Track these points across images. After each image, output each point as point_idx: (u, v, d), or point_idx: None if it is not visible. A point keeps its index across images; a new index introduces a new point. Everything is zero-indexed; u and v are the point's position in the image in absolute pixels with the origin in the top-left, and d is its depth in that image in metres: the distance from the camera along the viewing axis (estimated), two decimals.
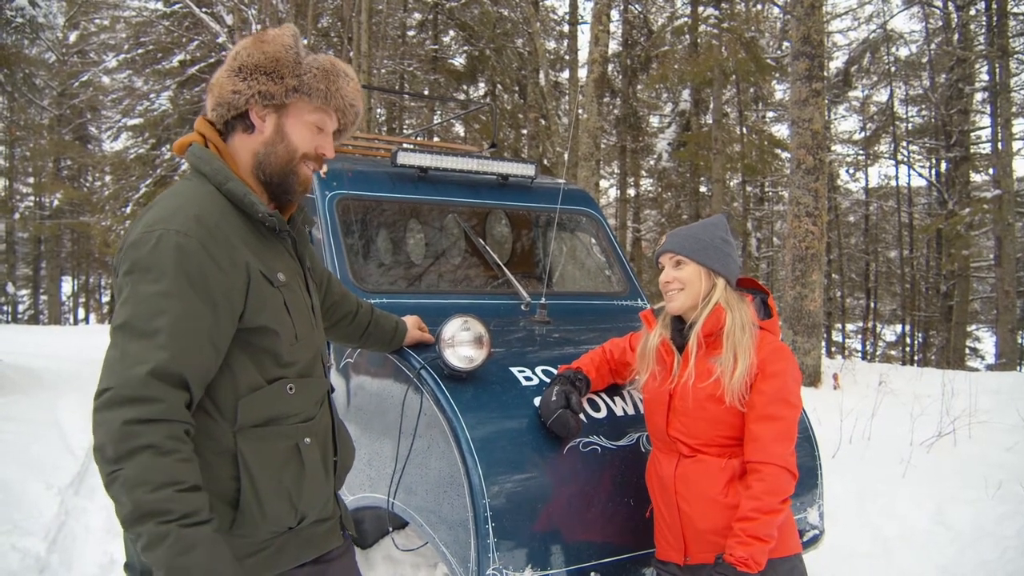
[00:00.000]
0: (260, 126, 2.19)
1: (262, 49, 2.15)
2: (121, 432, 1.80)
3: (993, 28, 21.70)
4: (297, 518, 2.16)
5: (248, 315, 2.05)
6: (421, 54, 26.12)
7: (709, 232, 2.97)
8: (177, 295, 1.91)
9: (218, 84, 2.19)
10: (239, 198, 2.11)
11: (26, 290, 41.96)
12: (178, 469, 1.83)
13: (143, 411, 1.82)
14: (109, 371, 1.88)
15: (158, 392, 1.84)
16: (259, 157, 2.20)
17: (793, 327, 11.73)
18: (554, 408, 3.22)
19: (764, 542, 2.65)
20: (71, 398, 10.57)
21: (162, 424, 1.84)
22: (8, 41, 14.48)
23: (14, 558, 4.76)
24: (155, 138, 25.15)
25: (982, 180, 27.08)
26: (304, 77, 2.17)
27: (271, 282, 2.12)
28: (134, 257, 1.95)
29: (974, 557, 5.32)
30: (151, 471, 1.80)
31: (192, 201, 2.05)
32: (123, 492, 1.79)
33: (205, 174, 2.13)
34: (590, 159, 15.40)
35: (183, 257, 1.93)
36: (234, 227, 2.08)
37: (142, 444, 1.80)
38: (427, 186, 4.89)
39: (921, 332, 30.18)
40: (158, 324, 1.88)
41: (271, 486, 2.09)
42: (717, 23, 22.24)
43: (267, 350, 2.11)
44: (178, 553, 1.80)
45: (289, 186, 2.24)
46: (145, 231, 1.97)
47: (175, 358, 1.87)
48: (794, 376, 2.87)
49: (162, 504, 1.79)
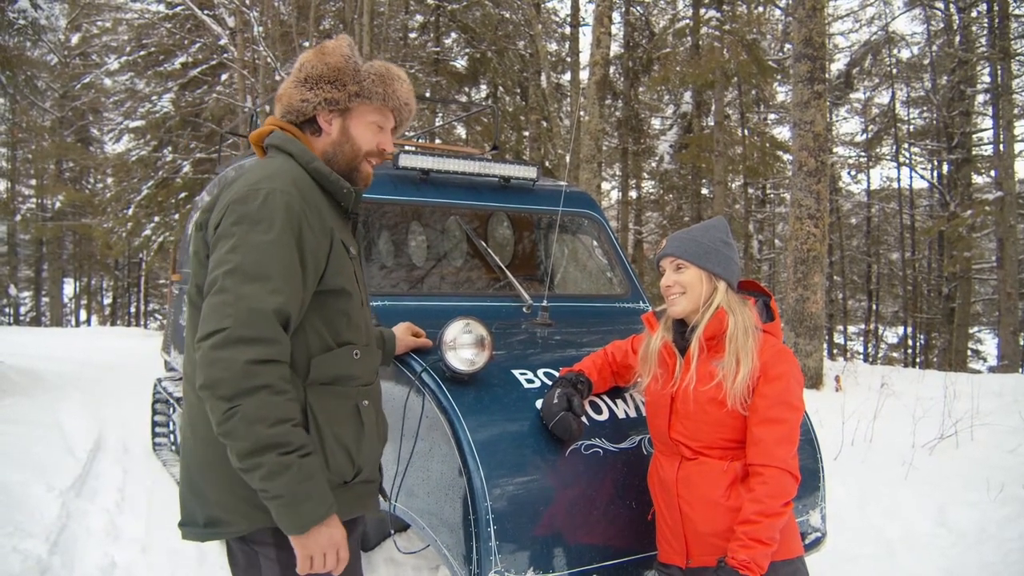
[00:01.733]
0: (327, 129, 2.46)
1: (324, 61, 2.41)
2: (243, 371, 1.98)
3: (995, 30, 21.68)
4: (354, 472, 2.34)
5: (328, 276, 2.27)
6: (423, 56, 26.11)
7: (709, 235, 2.97)
8: (285, 245, 2.11)
9: (286, 95, 2.44)
10: (325, 175, 2.38)
11: (28, 292, 41.96)
12: (290, 407, 2.05)
13: (264, 351, 2.01)
14: (222, 312, 2.02)
15: (277, 334, 2.05)
16: (327, 156, 2.47)
17: (795, 329, 11.72)
18: (556, 411, 3.21)
19: (766, 545, 2.65)
20: (73, 400, 10.58)
21: (278, 365, 2.04)
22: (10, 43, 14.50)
23: (15, 560, 4.75)
24: (157, 140, 25.21)
25: (984, 182, 27.06)
26: (364, 83, 2.45)
27: (348, 250, 2.37)
28: (241, 211, 2.14)
29: (976, 559, 5.31)
30: (269, 408, 1.99)
31: (287, 170, 2.29)
32: (242, 426, 1.97)
33: (292, 153, 2.38)
34: (592, 161, 15.40)
35: (289, 212, 2.15)
36: (319, 199, 2.33)
37: (261, 383, 1.99)
38: (429, 188, 4.88)
39: (923, 334, 30.16)
40: (272, 270, 2.07)
41: (334, 438, 2.27)
42: (719, 25, 22.21)
43: (341, 311, 2.33)
44: (300, 480, 2.03)
45: (354, 181, 2.51)
46: (250, 189, 2.17)
47: (288, 302, 2.08)
48: (796, 379, 2.87)
49: (282, 438, 2.00)
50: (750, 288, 3.10)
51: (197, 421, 2.25)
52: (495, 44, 25.45)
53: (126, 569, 5.14)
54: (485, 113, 23.05)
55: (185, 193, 24.52)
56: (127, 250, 29.70)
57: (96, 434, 8.60)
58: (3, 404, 9.65)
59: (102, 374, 14.17)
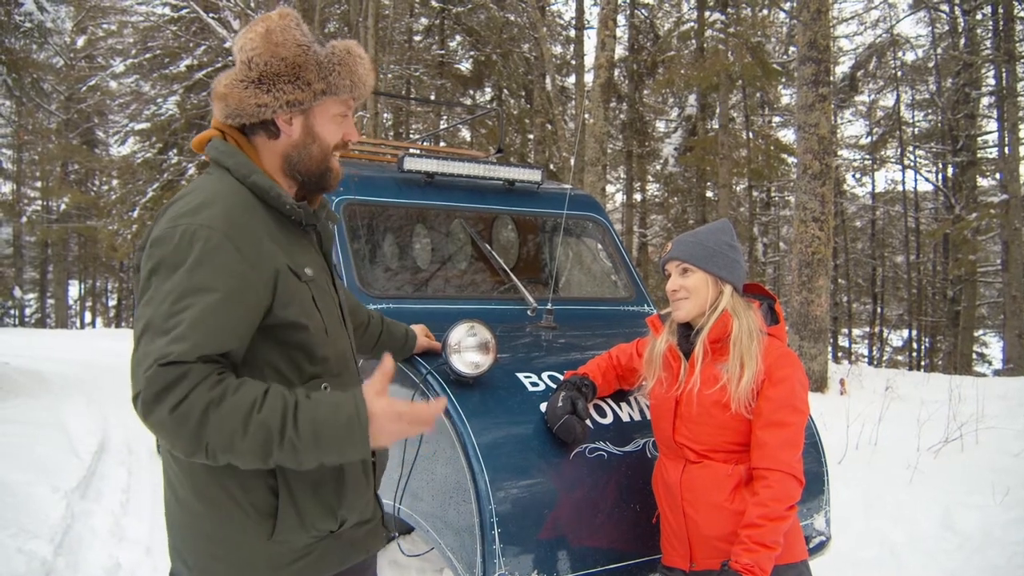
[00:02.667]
0: (287, 130, 2.14)
1: (278, 55, 2.06)
2: (175, 421, 1.75)
3: (1000, 32, 21.66)
4: (338, 523, 2.12)
5: (276, 309, 2.00)
6: (427, 59, 26.16)
7: (715, 238, 2.96)
8: (201, 289, 1.85)
9: (233, 95, 2.08)
10: (264, 191, 2.07)
11: (33, 294, 42.05)
12: (241, 399, 1.79)
13: (179, 393, 1.75)
14: (135, 375, 1.81)
15: (178, 373, 1.77)
16: (291, 159, 2.17)
17: (800, 332, 11.71)
18: (560, 414, 3.21)
19: (770, 549, 2.65)
20: (77, 401, 10.60)
21: (199, 388, 1.77)
22: (16, 46, 14.52)
23: (20, 561, 4.76)
24: (162, 142, 25.25)
25: (989, 185, 27.08)
26: (330, 78, 2.12)
27: (298, 276, 2.07)
28: (159, 255, 1.90)
29: (982, 563, 5.30)
30: (227, 422, 1.76)
31: (216, 195, 2.01)
32: (231, 455, 1.78)
33: (228, 168, 2.08)
34: (596, 164, 15.41)
35: (208, 251, 1.88)
36: (260, 220, 2.03)
37: (199, 412, 1.75)
38: (434, 191, 4.89)
39: (928, 337, 30.13)
40: (178, 320, 1.82)
41: (309, 493, 2.04)
42: (723, 28, 22.22)
43: (299, 346, 2.06)
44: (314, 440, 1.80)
45: (325, 181, 2.24)
46: (168, 226, 1.93)
47: (194, 348, 1.80)
48: (801, 382, 2.86)
49: (263, 432, 1.77)
50: (755, 291, 3.10)
51: (173, 479, 2.09)
52: (500, 47, 25.49)
53: (130, 570, 5.15)
54: (490, 116, 23.09)
55: None
56: (132, 252, 29.57)
57: (100, 435, 8.62)
58: (8, 405, 9.67)
59: (106, 376, 14.18)
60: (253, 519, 1.99)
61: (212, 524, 1.99)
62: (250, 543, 1.98)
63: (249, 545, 1.99)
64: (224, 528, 1.98)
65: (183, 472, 2.03)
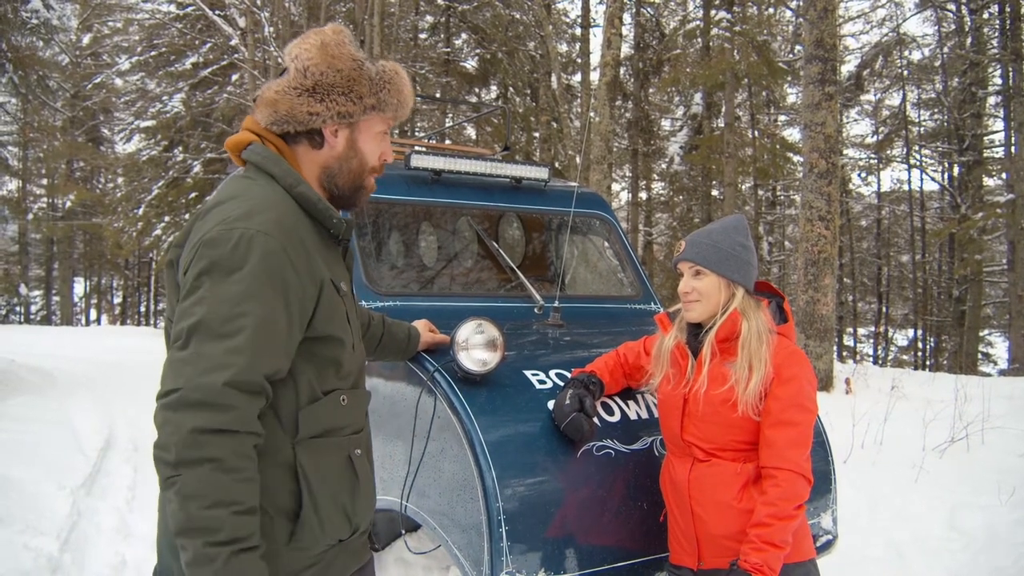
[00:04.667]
0: (332, 142, 2.15)
1: (335, 67, 2.09)
2: (187, 439, 1.72)
3: (1007, 31, 21.61)
4: (351, 530, 2.14)
5: (317, 323, 2.01)
6: (433, 57, 26.16)
7: (729, 238, 2.94)
8: (258, 297, 1.84)
9: (285, 102, 2.10)
10: (312, 203, 2.08)
11: (39, 291, 42.11)
12: (238, 489, 1.77)
13: (214, 419, 1.74)
14: (178, 371, 1.79)
15: (232, 399, 1.77)
16: (331, 171, 2.18)
17: (805, 331, 11.70)
18: (568, 411, 3.21)
19: (779, 548, 2.64)
20: (83, 399, 10.63)
21: (231, 436, 1.77)
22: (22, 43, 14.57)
23: (27, 557, 4.77)
24: (167, 140, 25.31)
25: (995, 184, 27.03)
26: (381, 95, 2.16)
27: (338, 291, 2.09)
28: (212, 256, 1.86)
29: (987, 563, 5.30)
30: (210, 486, 1.73)
31: (266, 201, 2.00)
32: (177, 500, 1.74)
33: (274, 176, 2.08)
34: (602, 162, 15.39)
35: (266, 258, 1.87)
36: (306, 232, 2.04)
37: (206, 456, 1.73)
38: (440, 189, 4.87)
39: (933, 337, 30.09)
40: (238, 326, 1.81)
41: (329, 498, 2.06)
42: (729, 26, 22.19)
43: (332, 360, 2.07)
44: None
45: (358, 198, 2.26)
46: (223, 229, 1.89)
47: (253, 364, 1.80)
48: (809, 381, 2.86)
49: (214, 523, 1.73)
50: (764, 289, 3.09)
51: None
52: (505, 45, 25.48)
53: (136, 567, 5.16)
54: (496, 114, 23.07)
55: (195, 193, 24.62)
56: (137, 250, 29.81)
57: (106, 432, 8.64)
58: (14, 403, 9.69)
59: (112, 373, 14.22)
60: (273, 523, 1.98)
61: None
62: (267, 548, 1.94)
63: (268, 551, 1.94)
64: None
65: None
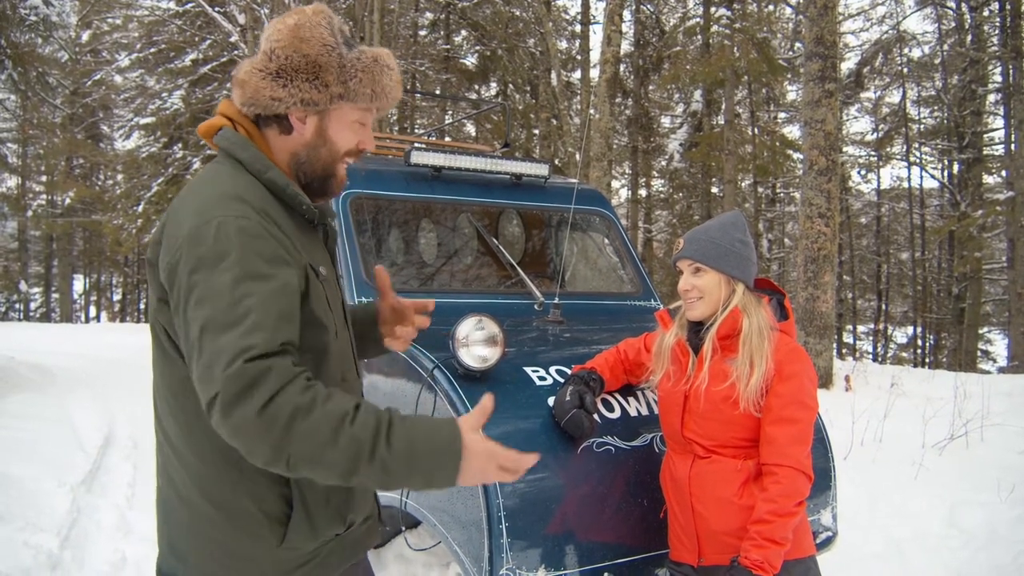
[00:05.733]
0: (300, 129, 2.06)
1: (302, 51, 1.98)
2: (261, 424, 1.65)
3: (1007, 29, 21.61)
4: (345, 525, 2.09)
5: (306, 304, 1.93)
6: (433, 53, 26.13)
7: (728, 235, 2.94)
8: (254, 275, 1.77)
9: (252, 84, 2.01)
10: (281, 188, 1.99)
11: (38, 288, 42.08)
12: (332, 409, 1.70)
13: (264, 393, 1.65)
14: (207, 378, 1.71)
15: (262, 368, 1.68)
16: (299, 159, 2.09)
17: (805, 328, 11.70)
18: (568, 408, 3.21)
19: (779, 545, 2.64)
20: (83, 396, 10.62)
21: (285, 391, 1.68)
22: (22, 40, 14.55)
23: (27, 555, 4.77)
24: (167, 137, 25.23)
25: (995, 182, 27.02)
26: (350, 83, 2.03)
27: (316, 274, 2.01)
28: (197, 253, 1.80)
29: (987, 560, 5.30)
30: (318, 432, 1.68)
31: (237, 187, 1.93)
32: (313, 467, 1.70)
33: (242, 161, 2.00)
34: (602, 159, 15.39)
35: (249, 238, 1.81)
36: (278, 216, 1.96)
37: (287, 417, 1.66)
38: (441, 185, 4.87)
39: (933, 334, 30.10)
40: (244, 309, 1.73)
41: (320, 500, 2.00)
42: (729, 23, 22.20)
43: (315, 347, 1.97)
44: (407, 461, 1.73)
45: (328, 187, 2.16)
46: (199, 222, 1.83)
47: (273, 336, 1.73)
48: (810, 377, 2.86)
49: (354, 446, 1.70)
50: (764, 286, 3.08)
51: (175, 476, 2.00)
52: (505, 42, 25.45)
53: (136, 564, 5.15)
54: (495, 111, 23.06)
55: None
56: (137, 247, 29.71)
57: (106, 429, 8.63)
58: (13, 400, 9.69)
59: (111, 370, 14.21)
60: (264, 525, 1.95)
61: (221, 530, 1.95)
62: (257, 548, 1.95)
63: (258, 551, 1.95)
64: (234, 534, 1.94)
65: (189, 474, 1.97)
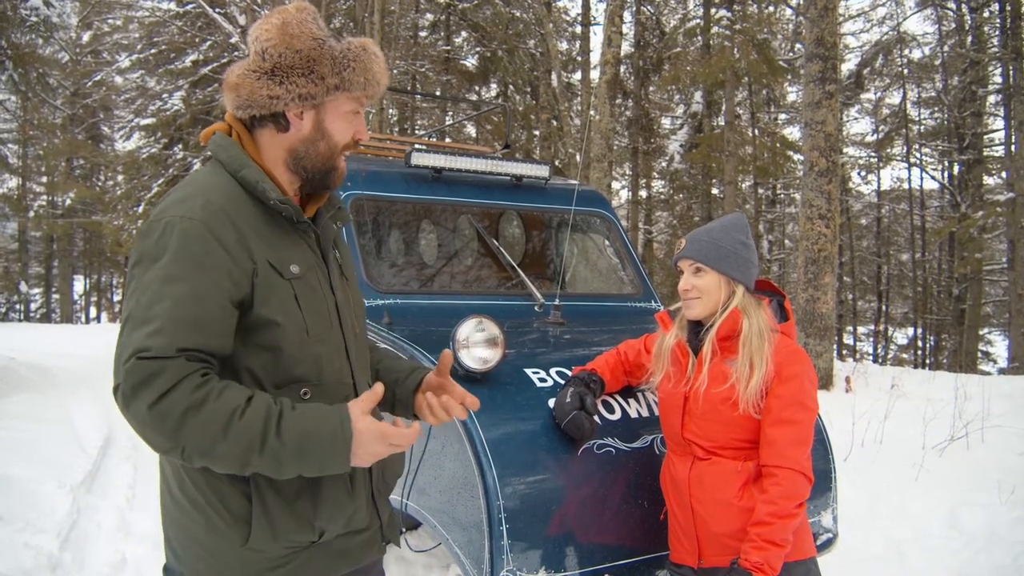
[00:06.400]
0: (297, 124, 2.10)
1: (293, 47, 2.03)
2: (153, 417, 1.74)
3: (1007, 30, 21.58)
4: (316, 533, 2.05)
5: (255, 305, 1.95)
6: (433, 55, 26.13)
7: (729, 237, 2.95)
8: (179, 279, 1.84)
9: (247, 86, 2.05)
10: (252, 184, 2.02)
11: (38, 289, 42.08)
12: (223, 405, 1.77)
13: (157, 388, 1.73)
14: (116, 366, 1.81)
15: (154, 368, 1.75)
16: (298, 154, 2.12)
17: (805, 330, 11.69)
18: (568, 410, 3.21)
19: (780, 547, 2.64)
20: (83, 396, 10.61)
21: (178, 388, 1.75)
22: (22, 40, 14.55)
23: (27, 556, 4.77)
24: (167, 138, 25.23)
25: (995, 183, 27.00)
26: (344, 73, 2.08)
27: (280, 273, 2.01)
28: (141, 248, 1.91)
29: (987, 562, 5.29)
30: (207, 427, 1.75)
31: (204, 187, 2.00)
32: (207, 459, 1.78)
33: (221, 161, 2.07)
34: (602, 160, 15.39)
35: (186, 240, 1.87)
36: (245, 214, 2.00)
37: (178, 414, 1.73)
38: (441, 187, 4.88)
39: (933, 335, 30.10)
40: (158, 310, 1.80)
41: (283, 503, 1.99)
42: (729, 25, 22.20)
43: (275, 346, 1.98)
44: (297, 451, 1.81)
45: (329, 179, 2.19)
46: (153, 220, 1.93)
47: (171, 342, 1.78)
48: (810, 379, 2.86)
49: (244, 438, 1.77)
50: (764, 288, 3.09)
51: (167, 473, 2.07)
52: (506, 43, 25.45)
53: (136, 565, 5.15)
54: (496, 112, 23.07)
55: None
56: None
57: (106, 430, 8.63)
58: (14, 400, 9.69)
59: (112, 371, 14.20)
60: (229, 524, 1.97)
61: (195, 525, 1.99)
62: (226, 547, 1.98)
63: (225, 549, 1.98)
64: (205, 530, 1.98)
65: (172, 471, 2.04)
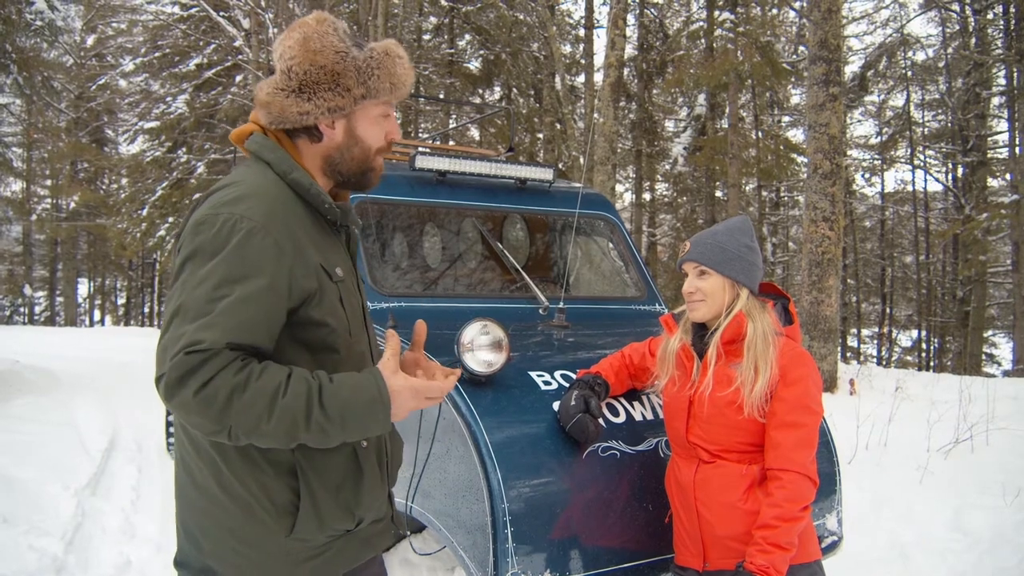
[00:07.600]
0: (330, 134, 2.15)
1: (317, 63, 2.07)
2: (199, 403, 1.78)
3: (1011, 32, 21.58)
4: (355, 521, 2.14)
5: (307, 307, 2.00)
6: (437, 58, 26.14)
7: (734, 240, 2.94)
8: (237, 279, 1.87)
9: (277, 104, 2.10)
10: (305, 188, 2.08)
11: (43, 292, 42.19)
12: (266, 384, 1.82)
13: (202, 376, 1.77)
14: (162, 355, 1.83)
15: (203, 357, 1.79)
16: (334, 161, 2.18)
17: (809, 332, 11.68)
18: (573, 413, 3.21)
19: (785, 550, 2.64)
20: (88, 399, 10.62)
21: (224, 373, 1.79)
22: (27, 44, 14.59)
23: (31, 558, 4.78)
24: (171, 141, 25.31)
25: (999, 185, 26.95)
26: (369, 82, 2.12)
27: (330, 276, 2.08)
28: (196, 241, 1.91)
29: (992, 564, 5.28)
30: (253, 407, 1.80)
31: (258, 187, 2.02)
32: (255, 437, 1.84)
33: (269, 162, 2.10)
34: (606, 163, 15.39)
35: (247, 241, 1.89)
36: (298, 217, 2.05)
37: (224, 397, 1.78)
38: (445, 190, 4.88)
39: (937, 338, 30.03)
40: (213, 307, 1.83)
41: (329, 494, 2.06)
42: (733, 27, 22.17)
43: (325, 346, 2.06)
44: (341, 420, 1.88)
45: (367, 181, 2.26)
46: (209, 213, 1.94)
47: (221, 336, 1.81)
48: (815, 382, 2.85)
49: (288, 415, 1.82)
50: (769, 290, 3.08)
51: (191, 463, 2.09)
52: (509, 46, 25.47)
53: (140, 568, 5.16)
54: (499, 115, 23.06)
55: (199, 194, 24.55)
56: (141, 250, 29.72)
57: (111, 433, 8.64)
58: (18, 403, 9.71)
59: (116, 373, 14.22)
60: (273, 516, 2.01)
61: (234, 518, 2.01)
62: (269, 539, 2.01)
63: (268, 541, 2.02)
64: (245, 523, 2.00)
65: (204, 463, 2.04)
